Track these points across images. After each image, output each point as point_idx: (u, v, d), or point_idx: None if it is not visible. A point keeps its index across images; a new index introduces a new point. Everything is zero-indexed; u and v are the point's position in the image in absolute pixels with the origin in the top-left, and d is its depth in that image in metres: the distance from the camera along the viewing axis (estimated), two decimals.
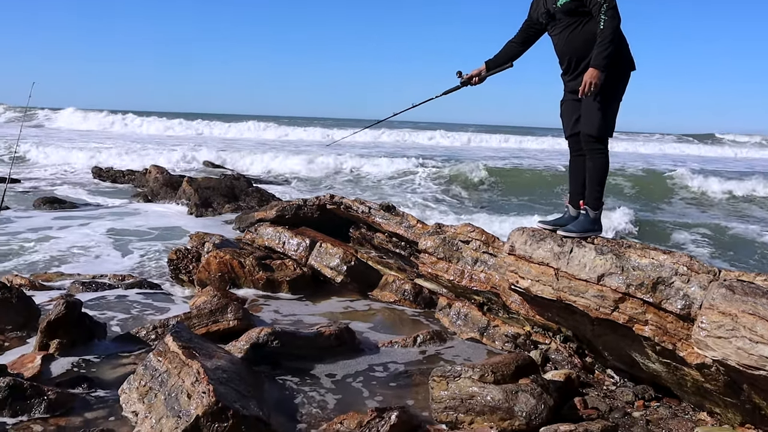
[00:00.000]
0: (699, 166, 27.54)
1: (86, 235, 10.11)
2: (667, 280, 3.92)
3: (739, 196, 18.91)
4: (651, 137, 61.56)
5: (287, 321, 5.89)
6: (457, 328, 5.75)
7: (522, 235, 4.65)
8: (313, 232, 8.29)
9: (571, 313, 4.48)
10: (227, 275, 6.77)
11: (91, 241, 9.60)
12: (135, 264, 8.46)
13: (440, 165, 23.05)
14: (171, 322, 5.12)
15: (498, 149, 38.00)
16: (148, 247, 9.37)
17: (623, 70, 4.46)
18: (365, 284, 6.95)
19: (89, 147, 23.98)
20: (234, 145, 30.27)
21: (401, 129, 46.32)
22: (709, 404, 4.16)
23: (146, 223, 11.33)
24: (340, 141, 5.64)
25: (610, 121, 4.49)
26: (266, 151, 24.52)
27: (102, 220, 11.59)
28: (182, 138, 36.84)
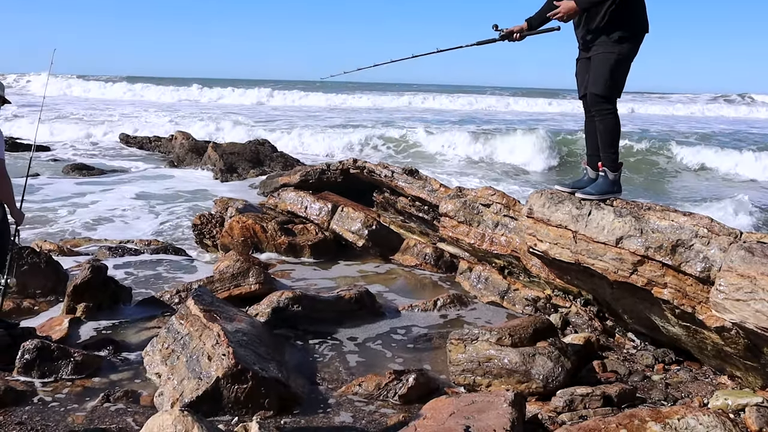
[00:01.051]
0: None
1: (114, 200, 10.31)
2: (686, 243, 3.89)
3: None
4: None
5: (309, 285, 5.97)
6: (478, 291, 5.78)
7: (540, 197, 4.63)
8: (336, 196, 8.33)
9: (589, 276, 4.47)
10: (250, 240, 6.85)
11: (118, 207, 9.79)
12: (161, 229, 8.61)
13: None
14: (194, 286, 5.21)
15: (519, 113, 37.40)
16: (174, 213, 9.52)
17: (633, 31, 4.35)
18: (387, 248, 6.99)
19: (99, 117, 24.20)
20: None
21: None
22: (729, 368, 4.15)
23: (172, 189, 11.51)
24: (338, 75, 5.44)
25: (617, 81, 4.42)
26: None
27: (129, 185, 11.80)
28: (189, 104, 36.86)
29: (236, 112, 28.96)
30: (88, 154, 16.35)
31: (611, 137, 4.47)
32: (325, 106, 39.34)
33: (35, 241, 6.90)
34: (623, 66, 4.39)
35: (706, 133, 23.77)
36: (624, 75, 4.43)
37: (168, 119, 23.46)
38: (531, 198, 4.73)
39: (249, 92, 43.77)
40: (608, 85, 4.38)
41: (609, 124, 4.45)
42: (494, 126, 23.98)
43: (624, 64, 4.39)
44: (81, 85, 47.26)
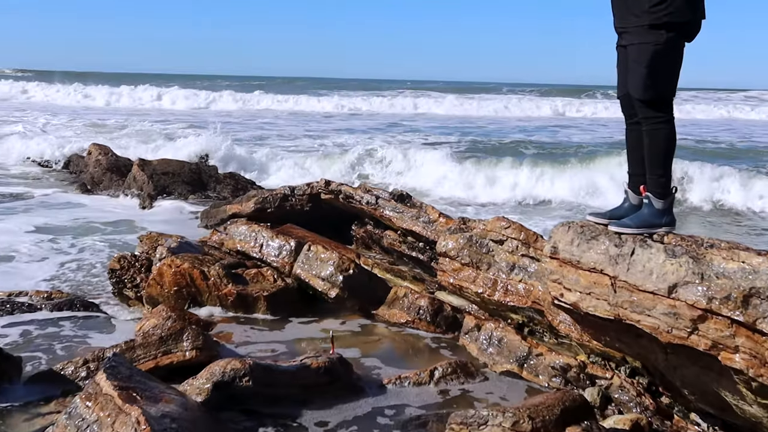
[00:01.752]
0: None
1: (3, 236, 10.21)
2: (763, 292, 3.90)
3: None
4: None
5: (264, 350, 5.95)
6: (489, 357, 5.78)
7: (567, 232, 4.65)
8: (302, 230, 8.35)
9: (635, 337, 4.48)
10: (186, 290, 6.83)
11: (8, 246, 9.70)
12: (67, 275, 8.54)
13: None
14: (107, 354, 5.17)
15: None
16: (85, 253, 9.46)
17: (684, 16, 4.39)
18: (369, 299, 6.98)
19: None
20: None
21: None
22: None
23: (84, 220, 11.47)
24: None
25: (662, 80, 4.47)
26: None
27: (24, 216, 11.74)
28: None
29: (169, 120, 29.09)
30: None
31: (662, 154, 4.51)
32: (283, 109, 39.89)
33: None
34: (667, 60, 4.43)
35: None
36: (671, 73, 4.47)
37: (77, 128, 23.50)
38: (555, 233, 4.75)
39: (188, 93, 44.55)
40: (651, 87, 4.42)
41: (659, 137, 4.50)
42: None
43: (667, 59, 4.43)
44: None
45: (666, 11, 4.33)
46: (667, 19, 4.34)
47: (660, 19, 4.35)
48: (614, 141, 22.98)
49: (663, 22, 4.35)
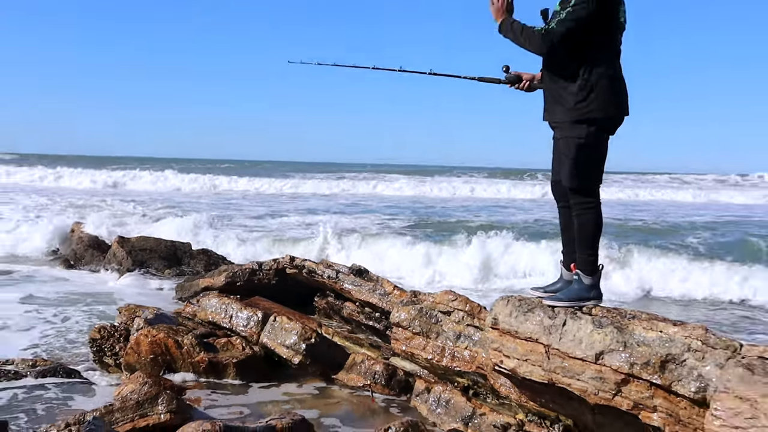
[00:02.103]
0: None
1: None
2: (678, 358, 3.98)
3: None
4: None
5: (233, 413, 5.88)
6: (437, 417, 5.75)
7: (506, 305, 4.70)
8: (268, 302, 8.32)
9: (567, 399, 4.51)
10: (161, 357, 6.75)
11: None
12: (49, 343, 8.39)
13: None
14: (87, 417, 5.07)
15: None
16: (67, 324, 9.31)
17: (606, 113, 4.47)
18: (330, 365, 6.94)
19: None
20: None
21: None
22: None
23: (67, 293, 11.28)
24: (311, 63, 5.49)
25: (587, 171, 4.55)
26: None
27: (10, 288, 11.54)
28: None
29: (146, 201, 28.92)
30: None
31: (590, 236, 4.58)
32: (248, 189, 39.89)
33: None
34: (590, 153, 4.51)
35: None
36: (595, 163, 4.53)
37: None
38: (496, 305, 4.80)
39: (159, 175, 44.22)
40: (578, 177, 4.51)
41: (587, 221, 4.57)
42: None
43: (590, 151, 4.50)
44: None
45: (588, 108, 4.40)
46: (589, 115, 4.42)
47: (583, 115, 4.42)
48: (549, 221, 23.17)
49: (586, 117, 4.44)
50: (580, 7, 4.27)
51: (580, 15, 4.28)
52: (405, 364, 6.72)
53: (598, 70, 4.38)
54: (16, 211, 21.92)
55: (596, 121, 4.44)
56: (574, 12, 4.28)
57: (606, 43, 4.43)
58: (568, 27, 4.30)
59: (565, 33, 4.31)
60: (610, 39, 4.46)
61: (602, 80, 4.40)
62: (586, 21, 4.29)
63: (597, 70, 4.38)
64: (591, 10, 4.27)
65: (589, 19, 4.29)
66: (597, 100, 4.40)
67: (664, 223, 22.86)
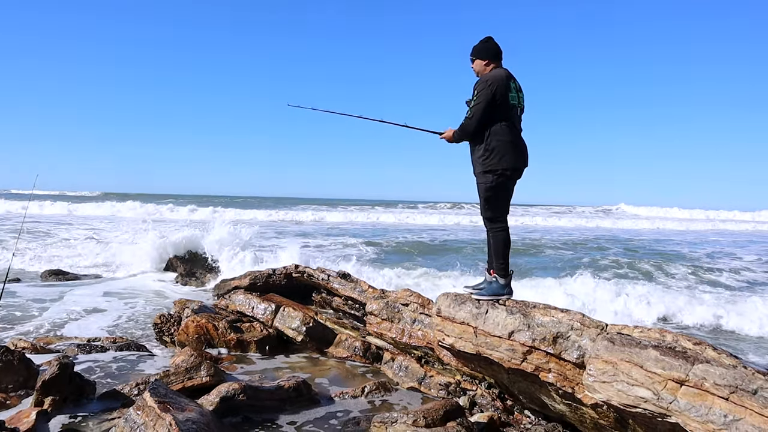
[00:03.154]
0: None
1: (86, 301, 9.95)
2: (564, 335, 4.08)
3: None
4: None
5: (253, 376, 5.86)
6: (400, 378, 5.80)
7: (447, 299, 4.79)
8: (279, 297, 8.32)
9: (489, 364, 4.59)
10: (203, 337, 6.74)
11: (90, 307, 9.47)
12: (126, 327, 8.35)
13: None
14: (151, 379, 5.08)
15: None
16: (139, 312, 9.26)
17: (500, 167, 4.56)
18: (323, 342, 6.96)
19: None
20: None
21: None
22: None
23: (139, 291, 11.21)
24: (306, 108, 5.47)
25: (495, 206, 4.65)
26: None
27: (99, 287, 11.45)
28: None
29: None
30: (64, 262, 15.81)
31: (500, 249, 4.69)
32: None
33: (11, 340, 6.63)
34: (496, 193, 4.62)
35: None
36: (501, 200, 4.65)
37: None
38: (439, 299, 4.88)
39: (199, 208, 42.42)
40: (488, 210, 4.64)
41: (498, 239, 4.68)
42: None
43: (496, 192, 4.61)
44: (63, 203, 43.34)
45: (490, 162, 4.54)
46: (491, 167, 4.57)
47: (487, 167, 4.57)
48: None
49: (489, 169, 4.57)
50: (479, 99, 4.49)
51: (479, 106, 4.49)
52: (376, 341, 6.75)
53: (496, 138, 4.52)
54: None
55: (497, 172, 4.56)
56: (476, 105, 4.50)
57: (502, 119, 4.56)
58: (475, 116, 4.49)
59: (475, 121, 4.50)
60: (506, 116, 4.57)
61: (499, 144, 4.55)
62: (483, 108, 4.48)
63: (495, 138, 4.53)
64: (486, 100, 4.47)
65: (486, 107, 4.47)
66: (496, 158, 4.53)
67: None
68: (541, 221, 42.28)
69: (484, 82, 4.49)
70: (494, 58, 4.64)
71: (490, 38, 4.69)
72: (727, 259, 19.38)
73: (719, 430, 3.14)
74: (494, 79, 4.47)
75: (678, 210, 62.53)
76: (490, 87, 4.45)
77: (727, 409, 3.14)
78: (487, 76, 4.52)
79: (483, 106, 4.46)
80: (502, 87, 4.49)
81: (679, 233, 34.00)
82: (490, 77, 4.50)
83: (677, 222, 46.63)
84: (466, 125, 4.54)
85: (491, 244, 4.72)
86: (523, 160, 4.66)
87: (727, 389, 3.18)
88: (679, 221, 48.36)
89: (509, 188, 4.68)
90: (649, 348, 3.49)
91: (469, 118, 4.50)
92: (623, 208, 63.94)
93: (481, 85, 4.49)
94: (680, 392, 3.29)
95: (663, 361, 3.39)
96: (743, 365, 3.31)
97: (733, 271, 16.23)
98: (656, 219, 49.99)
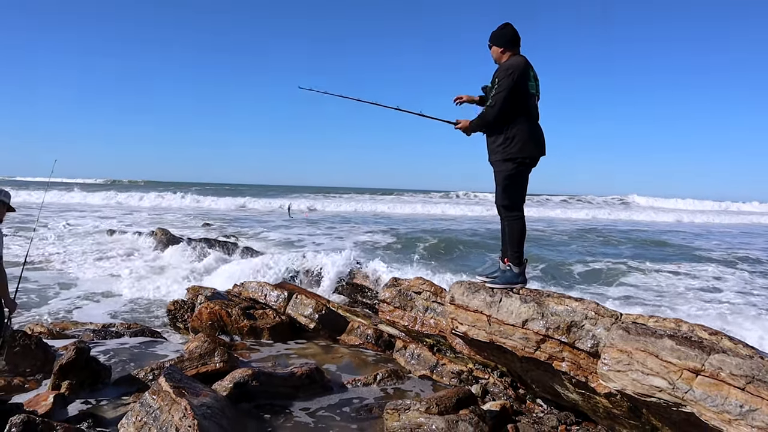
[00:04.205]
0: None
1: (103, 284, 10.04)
2: (578, 324, 4.06)
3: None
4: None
5: (266, 362, 5.88)
6: (412, 366, 5.80)
7: (460, 287, 4.77)
8: (291, 285, 8.36)
9: (502, 353, 4.58)
10: (216, 323, 6.77)
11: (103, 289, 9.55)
12: (140, 313, 8.41)
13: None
14: (166, 364, 5.11)
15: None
16: (152, 298, 9.32)
17: (520, 155, 4.52)
18: (335, 330, 6.97)
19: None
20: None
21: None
22: (618, 426, 4.26)
23: (152, 278, 11.28)
24: (318, 91, 5.41)
25: (513, 194, 4.61)
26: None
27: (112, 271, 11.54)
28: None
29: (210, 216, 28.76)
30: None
31: (516, 238, 4.65)
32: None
33: (28, 325, 6.71)
34: (515, 181, 4.59)
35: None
36: (519, 188, 4.61)
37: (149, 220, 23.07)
38: (453, 288, 4.86)
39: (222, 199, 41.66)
40: (507, 198, 4.60)
41: (513, 228, 4.65)
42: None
43: (514, 180, 4.58)
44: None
45: (511, 150, 4.50)
46: (511, 155, 4.53)
47: (507, 155, 4.54)
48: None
49: (510, 157, 4.54)
50: (501, 87, 4.43)
51: (501, 95, 4.44)
52: (389, 329, 6.77)
53: (516, 126, 4.49)
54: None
55: (516, 160, 4.53)
56: (498, 94, 4.43)
57: (522, 107, 4.52)
58: (497, 104, 4.45)
59: (497, 110, 4.45)
60: (525, 105, 4.54)
61: (520, 133, 4.51)
62: (505, 97, 4.43)
63: (516, 126, 4.49)
64: (509, 89, 4.42)
65: (508, 95, 4.43)
66: (517, 146, 4.50)
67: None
68: (561, 213, 40.21)
69: (504, 70, 4.44)
70: (510, 45, 4.58)
71: (507, 24, 4.63)
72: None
73: (735, 420, 3.11)
74: (515, 68, 4.44)
75: (694, 201, 60.16)
76: (511, 75, 4.41)
77: (743, 399, 3.12)
78: (507, 65, 4.47)
79: (505, 95, 4.42)
80: (523, 75, 4.46)
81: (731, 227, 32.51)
82: (510, 65, 4.45)
83: (709, 214, 42.94)
84: (487, 114, 4.50)
85: (506, 233, 4.69)
86: (541, 149, 4.63)
87: (744, 379, 3.15)
88: (707, 213, 44.71)
89: (527, 177, 4.65)
90: (665, 337, 3.47)
91: (491, 106, 4.46)
92: (636, 200, 62.46)
93: (502, 74, 4.44)
94: (696, 382, 3.27)
95: (679, 351, 3.37)
96: (760, 355, 3.29)
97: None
98: (681, 211, 46.79)
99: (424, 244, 17.65)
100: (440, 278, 10.40)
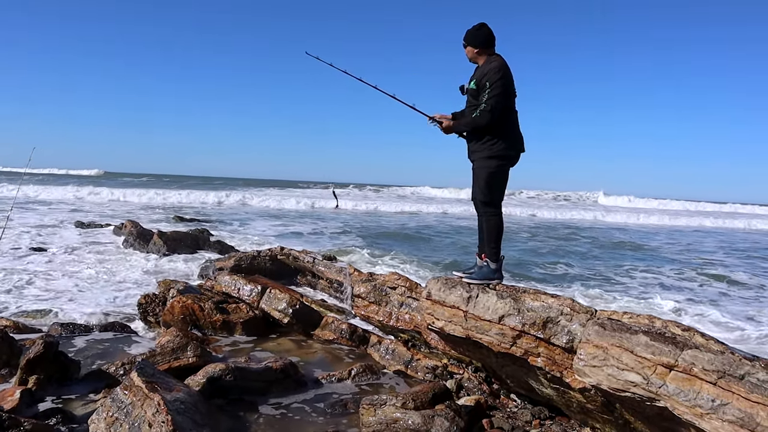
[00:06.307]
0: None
1: (66, 280, 9.80)
2: (554, 319, 4.09)
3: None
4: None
5: (240, 358, 5.81)
6: (386, 361, 5.79)
7: (437, 283, 4.76)
8: (265, 279, 8.27)
9: (478, 348, 4.59)
10: (189, 317, 6.66)
11: (70, 285, 9.33)
12: (109, 307, 8.22)
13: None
14: (137, 359, 5.02)
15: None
16: (121, 292, 9.13)
17: (502, 152, 4.54)
18: (309, 324, 6.90)
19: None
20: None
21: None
22: (591, 421, 4.31)
23: (122, 271, 11.06)
24: (324, 62, 5.32)
25: (494, 190, 4.62)
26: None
27: (81, 265, 11.29)
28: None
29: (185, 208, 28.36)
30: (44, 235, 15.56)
31: (493, 234, 4.67)
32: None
33: None
34: (498, 178, 4.62)
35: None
36: (500, 184, 4.64)
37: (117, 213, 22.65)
38: (429, 283, 4.86)
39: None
40: (487, 194, 4.61)
41: (491, 224, 4.66)
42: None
43: (497, 177, 4.61)
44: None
45: (497, 148, 4.52)
46: (497, 153, 4.54)
47: (494, 152, 4.54)
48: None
49: (495, 154, 4.55)
50: (495, 91, 4.41)
51: (497, 98, 4.43)
52: (363, 324, 6.74)
53: (503, 124, 4.51)
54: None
55: (502, 157, 4.54)
56: (492, 98, 4.41)
57: (508, 107, 4.54)
58: (495, 108, 4.43)
59: (496, 113, 4.44)
60: (511, 104, 4.57)
61: (504, 131, 4.54)
62: (500, 100, 4.44)
63: (501, 125, 4.51)
64: (502, 91, 4.44)
65: (502, 99, 4.45)
66: (502, 144, 4.52)
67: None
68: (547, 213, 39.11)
69: (495, 72, 4.42)
70: (485, 45, 4.59)
71: (483, 25, 4.63)
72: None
73: (707, 414, 3.16)
74: (504, 69, 4.46)
75: (669, 201, 59.46)
76: (503, 78, 4.43)
77: (714, 393, 3.17)
78: (495, 67, 4.45)
79: (501, 99, 4.42)
80: (510, 76, 4.49)
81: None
82: (499, 68, 4.44)
83: (683, 216, 40.70)
84: (482, 118, 4.45)
85: (484, 229, 4.70)
86: (521, 147, 4.66)
87: (716, 374, 3.20)
88: (689, 215, 42.62)
89: (508, 174, 4.67)
90: (640, 333, 3.50)
91: (487, 111, 4.41)
92: (601, 200, 61.61)
93: (493, 76, 4.41)
94: (669, 377, 3.31)
95: (653, 347, 3.40)
96: (730, 351, 3.34)
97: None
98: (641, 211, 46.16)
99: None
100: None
